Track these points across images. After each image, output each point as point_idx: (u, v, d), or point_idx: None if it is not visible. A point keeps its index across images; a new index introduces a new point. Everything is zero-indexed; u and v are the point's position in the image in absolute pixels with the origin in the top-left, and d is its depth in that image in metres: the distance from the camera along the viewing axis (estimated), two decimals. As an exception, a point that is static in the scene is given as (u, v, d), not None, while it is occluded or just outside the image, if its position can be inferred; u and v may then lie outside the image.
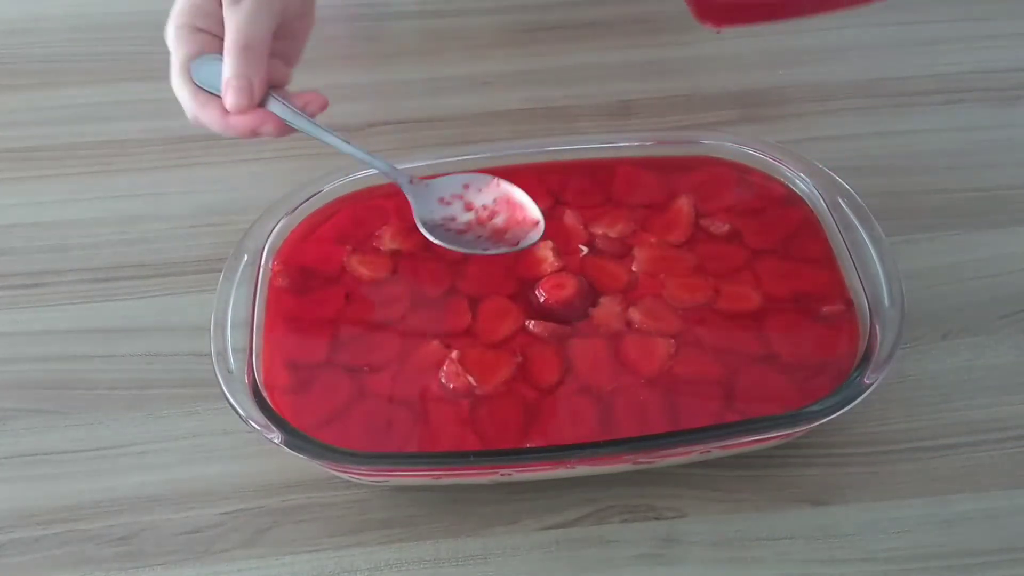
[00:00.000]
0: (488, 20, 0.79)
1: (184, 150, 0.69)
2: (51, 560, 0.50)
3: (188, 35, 0.53)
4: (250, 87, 0.52)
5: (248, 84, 0.51)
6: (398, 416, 0.50)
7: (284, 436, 0.46)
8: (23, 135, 0.71)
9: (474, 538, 0.50)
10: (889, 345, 0.49)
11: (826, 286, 0.54)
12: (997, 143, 0.69)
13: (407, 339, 0.53)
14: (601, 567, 0.49)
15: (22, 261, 0.63)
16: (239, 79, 0.51)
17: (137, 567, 0.49)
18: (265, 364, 0.51)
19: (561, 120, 0.71)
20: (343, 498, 0.52)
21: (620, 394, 0.50)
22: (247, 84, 0.51)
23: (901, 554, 0.49)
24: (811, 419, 0.47)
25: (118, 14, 0.81)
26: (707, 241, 0.57)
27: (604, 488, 0.51)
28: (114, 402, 0.55)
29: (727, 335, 0.53)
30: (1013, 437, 0.53)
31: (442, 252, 0.57)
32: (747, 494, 0.51)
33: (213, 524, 0.51)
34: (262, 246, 0.56)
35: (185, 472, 0.53)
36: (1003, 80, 0.73)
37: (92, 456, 0.53)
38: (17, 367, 0.57)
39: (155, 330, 0.59)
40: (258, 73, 0.52)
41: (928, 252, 0.62)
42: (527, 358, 0.52)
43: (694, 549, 0.49)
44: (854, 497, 0.51)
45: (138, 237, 0.64)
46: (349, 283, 0.56)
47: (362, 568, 0.49)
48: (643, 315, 0.53)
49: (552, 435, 0.49)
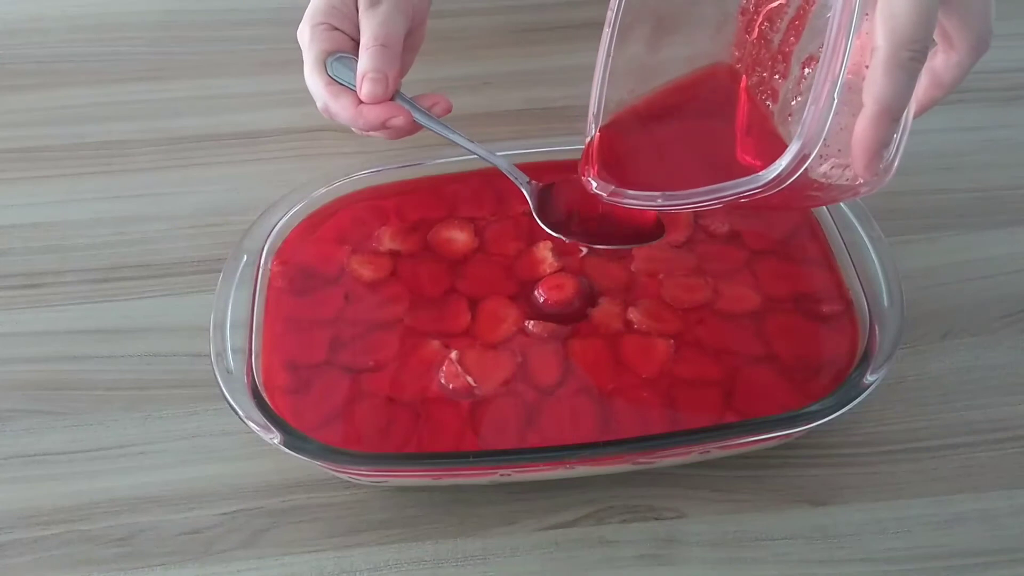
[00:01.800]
0: (488, 20, 0.79)
1: (184, 150, 0.69)
2: (50, 561, 0.49)
3: (324, 33, 0.57)
4: (386, 79, 0.56)
5: (384, 77, 0.55)
6: (398, 416, 0.50)
7: (283, 436, 0.46)
8: (22, 135, 0.71)
9: (474, 538, 0.50)
10: (888, 345, 0.49)
11: (825, 286, 0.54)
12: (996, 143, 0.69)
13: (406, 339, 0.53)
14: (601, 567, 0.49)
15: (21, 261, 0.63)
16: (376, 72, 0.55)
17: (136, 568, 0.49)
18: (264, 364, 0.51)
19: (561, 120, 0.71)
20: (342, 498, 0.52)
21: (619, 394, 0.50)
22: (383, 76, 0.55)
23: (901, 554, 0.49)
24: (810, 419, 0.47)
25: (118, 14, 0.81)
26: (706, 241, 0.57)
27: (604, 488, 0.51)
28: (113, 403, 0.55)
29: (726, 335, 0.53)
30: (1013, 437, 0.53)
31: (441, 253, 0.57)
32: (747, 494, 0.51)
33: (212, 525, 0.51)
34: (261, 246, 0.56)
35: (184, 472, 0.52)
36: (1002, 80, 0.73)
37: (91, 457, 0.53)
38: (16, 368, 0.57)
39: (154, 331, 0.59)
40: (393, 69, 0.56)
41: (927, 252, 0.62)
42: (526, 358, 0.52)
43: (694, 549, 0.49)
44: (854, 497, 0.51)
45: (138, 237, 0.64)
46: (348, 283, 0.56)
47: (362, 568, 0.49)
48: (642, 315, 0.53)
49: (551, 435, 0.49)
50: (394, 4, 0.57)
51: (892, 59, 0.39)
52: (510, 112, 0.71)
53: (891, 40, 0.39)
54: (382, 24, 0.56)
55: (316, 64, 0.57)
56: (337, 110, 0.57)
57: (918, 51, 0.39)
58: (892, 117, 0.40)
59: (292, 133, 0.70)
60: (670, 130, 0.54)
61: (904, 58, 0.39)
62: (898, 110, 0.40)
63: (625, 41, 0.51)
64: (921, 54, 0.39)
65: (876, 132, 0.40)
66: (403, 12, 0.58)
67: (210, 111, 0.72)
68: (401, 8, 0.58)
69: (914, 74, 0.39)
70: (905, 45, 0.39)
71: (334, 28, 0.58)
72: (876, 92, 0.39)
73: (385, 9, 0.57)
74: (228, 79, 0.75)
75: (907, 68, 0.39)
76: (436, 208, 0.60)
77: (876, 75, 0.39)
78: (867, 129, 0.40)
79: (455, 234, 0.58)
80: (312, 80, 0.57)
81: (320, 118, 0.60)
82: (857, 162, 0.41)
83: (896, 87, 0.39)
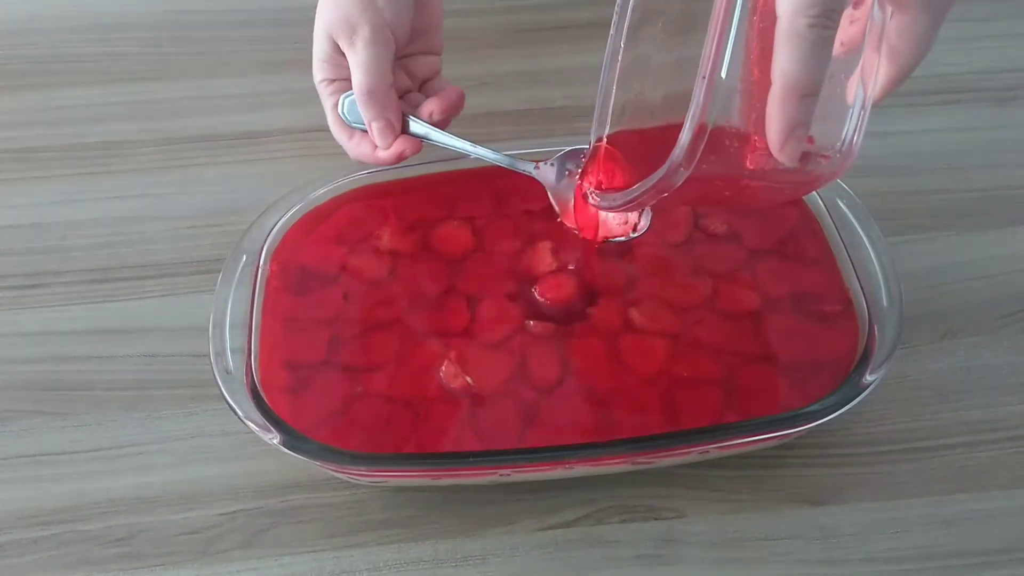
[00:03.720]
0: (488, 20, 0.79)
1: (182, 151, 0.69)
2: (50, 561, 0.49)
3: (325, 89, 0.60)
4: (389, 124, 0.57)
5: (387, 123, 0.57)
6: (397, 416, 0.50)
7: (283, 436, 0.46)
8: (21, 135, 0.71)
9: (473, 538, 0.50)
10: (888, 345, 0.49)
11: (825, 286, 0.54)
12: (995, 143, 0.69)
13: (405, 339, 0.53)
14: (600, 567, 0.49)
15: (20, 262, 0.63)
16: (377, 121, 0.57)
17: (136, 568, 0.49)
18: (263, 364, 0.51)
19: (561, 120, 0.71)
20: (342, 499, 0.52)
21: (619, 394, 0.50)
22: (387, 123, 0.57)
23: (900, 554, 0.49)
24: (810, 419, 0.47)
25: (117, 14, 0.81)
26: (706, 241, 0.57)
27: (603, 488, 0.51)
28: (113, 403, 0.55)
29: (726, 335, 0.53)
30: (1012, 437, 0.53)
31: (440, 252, 0.57)
32: (746, 494, 0.51)
33: (212, 525, 0.51)
34: (261, 246, 0.56)
35: (184, 473, 0.52)
36: (1001, 80, 0.73)
37: (91, 457, 0.53)
38: (16, 368, 0.57)
39: (154, 331, 0.59)
40: (390, 109, 0.57)
41: (926, 252, 0.62)
42: (526, 358, 0.52)
43: (693, 549, 0.49)
44: (853, 497, 0.51)
45: (137, 238, 0.64)
46: (347, 283, 0.56)
47: (361, 569, 0.49)
48: (642, 315, 0.53)
49: (551, 435, 0.49)
50: (369, 39, 0.56)
51: (789, 28, 0.35)
52: (510, 112, 0.71)
53: (785, 6, 0.35)
54: (361, 67, 0.56)
55: (331, 114, 0.59)
56: (359, 156, 0.59)
57: (817, 16, 0.35)
58: (800, 93, 0.36)
59: (292, 133, 0.70)
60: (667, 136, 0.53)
61: (801, 26, 0.35)
62: (807, 85, 0.36)
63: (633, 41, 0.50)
64: (822, 19, 0.35)
65: (783, 111, 0.36)
66: (381, 42, 0.57)
67: (210, 111, 0.72)
68: (379, 39, 0.56)
69: (819, 43, 0.35)
70: (801, 11, 0.35)
71: (332, 80, 0.59)
72: (777, 66, 0.36)
73: (361, 50, 0.56)
74: (228, 79, 0.75)
75: (807, 37, 0.35)
76: (435, 208, 0.60)
77: (777, 47, 0.36)
78: (773, 108, 0.37)
79: (454, 233, 0.58)
80: (333, 131, 0.60)
81: (320, 118, 0.60)
82: (771, 145, 0.38)
83: (798, 60, 0.35)
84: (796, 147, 0.37)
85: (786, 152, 0.38)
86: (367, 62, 0.56)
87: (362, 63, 0.56)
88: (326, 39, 0.58)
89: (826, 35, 0.35)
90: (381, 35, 0.57)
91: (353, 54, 0.57)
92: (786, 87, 0.36)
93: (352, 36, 0.56)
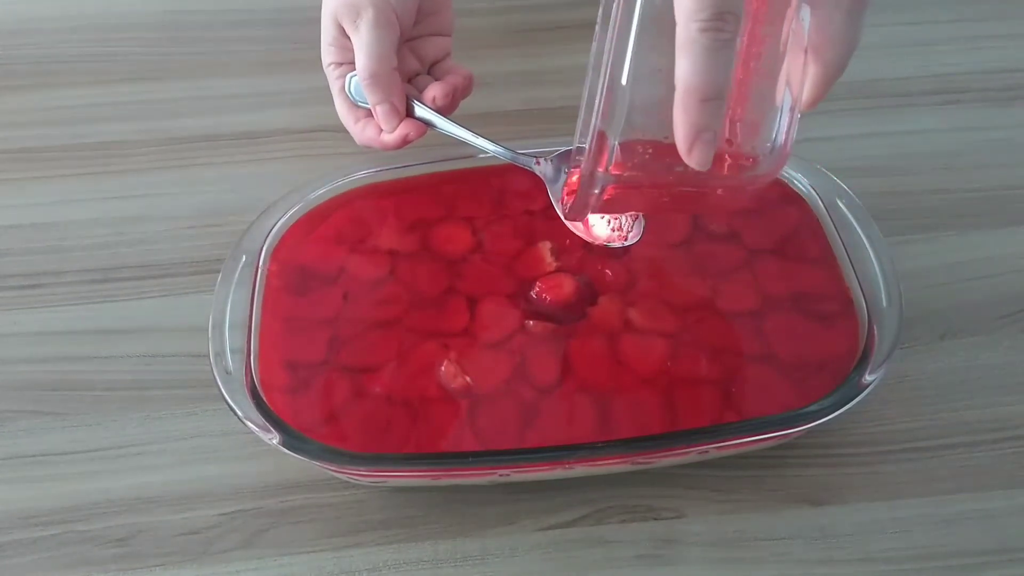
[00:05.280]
0: (487, 20, 0.79)
1: (182, 151, 0.69)
2: (49, 561, 0.49)
3: (332, 72, 0.60)
4: (393, 108, 0.58)
5: (391, 106, 0.57)
6: (396, 416, 0.50)
7: (282, 437, 0.46)
8: (21, 135, 0.71)
9: (472, 539, 0.50)
10: (887, 345, 0.49)
11: (824, 286, 0.54)
12: (994, 143, 0.69)
13: (405, 339, 0.53)
14: (600, 567, 0.49)
15: (20, 262, 0.63)
16: (382, 104, 0.57)
17: (135, 568, 0.49)
18: (263, 364, 0.51)
19: (561, 120, 0.71)
20: (341, 499, 0.52)
21: (618, 394, 0.50)
22: (390, 107, 0.57)
23: (900, 554, 0.49)
24: (809, 419, 0.47)
25: (117, 14, 0.81)
26: (705, 241, 0.57)
27: (602, 488, 0.51)
28: (112, 403, 0.55)
29: (725, 335, 0.53)
30: (1012, 437, 0.53)
31: (440, 252, 0.57)
32: (746, 494, 0.51)
33: (211, 525, 0.51)
34: (260, 246, 0.56)
35: (183, 473, 0.52)
36: (1000, 80, 0.73)
37: (90, 457, 0.53)
38: (15, 368, 0.57)
39: (153, 331, 0.59)
40: (394, 92, 0.58)
41: (926, 252, 0.62)
42: (525, 358, 0.52)
43: (693, 549, 0.49)
44: (853, 497, 0.51)
45: (136, 238, 0.64)
46: (347, 283, 0.56)
47: (361, 569, 0.49)
48: (641, 315, 0.53)
49: (550, 435, 0.49)
50: (373, 22, 0.57)
51: (684, 33, 0.35)
52: (510, 112, 0.71)
53: (679, 13, 0.35)
54: (365, 51, 0.57)
55: (339, 98, 0.60)
56: (365, 140, 0.60)
57: (708, 20, 0.35)
58: (699, 97, 0.36)
59: (291, 133, 0.70)
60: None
61: (694, 30, 0.35)
62: (706, 90, 0.36)
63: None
64: (715, 23, 0.35)
65: (686, 116, 0.37)
66: (384, 25, 0.57)
67: (209, 111, 0.72)
68: (382, 22, 0.57)
69: (713, 47, 0.35)
70: (692, 15, 0.35)
71: (339, 64, 0.60)
72: (677, 71, 0.36)
73: (364, 33, 0.57)
74: (228, 79, 0.75)
75: (700, 41, 0.35)
76: (434, 208, 0.60)
77: (676, 53, 0.36)
78: (676, 113, 0.37)
79: (454, 233, 0.58)
80: (339, 111, 0.60)
81: (319, 118, 0.60)
82: (679, 150, 0.38)
83: (693, 64, 0.35)
84: (704, 151, 0.38)
85: (694, 156, 0.38)
86: (370, 45, 0.56)
87: (365, 46, 0.57)
88: (332, 23, 0.58)
89: (721, 38, 0.35)
90: (384, 18, 0.57)
91: (357, 37, 0.57)
92: (686, 92, 0.36)
93: (356, 19, 0.57)
